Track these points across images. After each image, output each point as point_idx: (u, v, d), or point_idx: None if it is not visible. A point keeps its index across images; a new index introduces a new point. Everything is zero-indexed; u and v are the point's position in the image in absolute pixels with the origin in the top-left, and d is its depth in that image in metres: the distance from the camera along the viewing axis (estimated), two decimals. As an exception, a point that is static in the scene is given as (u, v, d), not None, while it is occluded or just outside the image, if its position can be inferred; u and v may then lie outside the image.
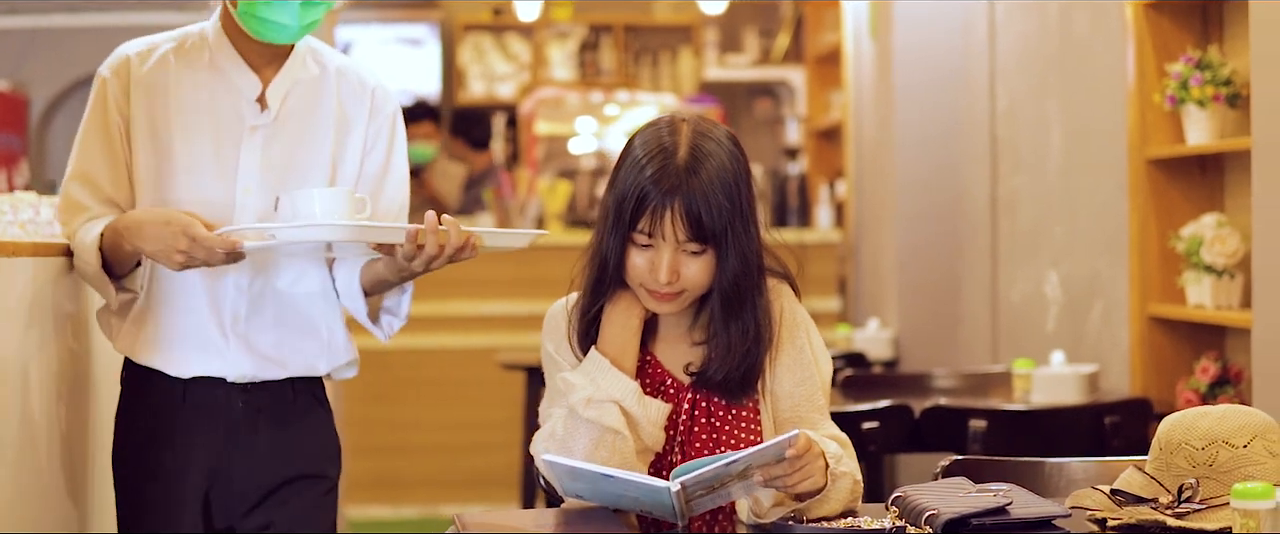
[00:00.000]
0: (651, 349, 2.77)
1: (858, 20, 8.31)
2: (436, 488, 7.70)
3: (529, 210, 8.38)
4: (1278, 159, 3.49)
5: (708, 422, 2.74)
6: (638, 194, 2.63)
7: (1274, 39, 3.48)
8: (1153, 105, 4.65)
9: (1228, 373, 4.44)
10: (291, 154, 3.18)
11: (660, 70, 10.92)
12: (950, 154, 6.52)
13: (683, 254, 2.64)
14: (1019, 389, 4.63)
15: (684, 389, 2.75)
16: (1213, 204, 4.65)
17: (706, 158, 2.65)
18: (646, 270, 2.65)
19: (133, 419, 3.25)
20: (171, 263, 2.98)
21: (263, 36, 3.10)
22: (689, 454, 2.71)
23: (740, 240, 2.66)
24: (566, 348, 2.78)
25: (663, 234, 2.62)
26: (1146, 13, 4.67)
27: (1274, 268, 3.53)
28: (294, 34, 3.10)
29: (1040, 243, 5.64)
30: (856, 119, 8.33)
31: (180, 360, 3.17)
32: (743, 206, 2.66)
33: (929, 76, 6.61)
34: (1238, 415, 2.50)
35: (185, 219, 2.97)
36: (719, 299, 2.69)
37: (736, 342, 2.70)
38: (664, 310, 2.70)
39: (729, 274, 2.66)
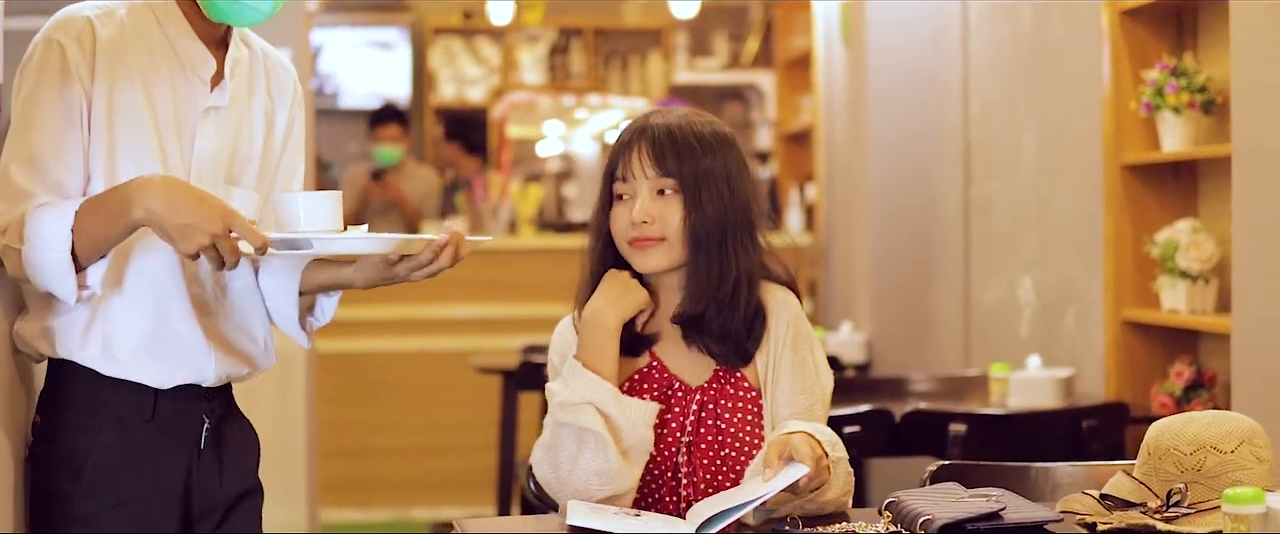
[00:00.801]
0: (658, 353, 2.82)
1: (829, 24, 8.34)
2: (409, 491, 7.71)
3: (501, 214, 8.40)
4: (1257, 166, 3.53)
5: (715, 425, 2.78)
6: (615, 148, 2.80)
7: (1254, 47, 3.52)
8: (1128, 111, 4.69)
9: (1202, 377, 4.49)
10: (235, 140, 2.94)
11: (630, 74, 10.95)
12: (923, 158, 6.56)
13: (657, 197, 2.75)
14: (996, 393, 4.66)
15: (691, 392, 2.80)
16: (1187, 210, 4.70)
17: (679, 113, 2.81)
18: (626, 220, 2.76)
19: (89, 443, 2.83)
20: (185, 245, 2.61)
21: (228, 17, 2.86)
22: (695, 456, 2.76)
23: (720, 200, 2.75)
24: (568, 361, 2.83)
25: (633, 172, 2.76)
26: (1122, 19, 4.71)
27: (1253, 274, 3.57)
28: (266, 14, 2.87)
29: (1013, 247, 5.68)
30: (827, 123, 8.37)
31: (159, 368, 2.84)
32: (724, 167, 2.77)
33: (902, 80, 6.64)
34: (1225, 421, 2.53)
35: (223, 202, 2.65)
36: (692, 241, 2.76)
37: (706, 280, 2.77)
38: (650, 263, 2.78)
39: (702, 224, 2.75)
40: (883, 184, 6.66)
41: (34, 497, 2.86)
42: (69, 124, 2.75)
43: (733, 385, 2.81)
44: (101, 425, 2.83)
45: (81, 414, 2.83)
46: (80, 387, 2.83)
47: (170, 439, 2.87)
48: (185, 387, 2.87)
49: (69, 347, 2.81)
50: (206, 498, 2.92)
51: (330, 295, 3.08)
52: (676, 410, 2.79)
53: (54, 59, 2.75)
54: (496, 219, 8.38)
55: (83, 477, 2.81)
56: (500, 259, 7.84)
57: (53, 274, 2.70)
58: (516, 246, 8.03)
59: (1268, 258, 3.50)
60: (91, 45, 2.77)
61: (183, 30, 2.87)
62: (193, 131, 2.86)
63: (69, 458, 2.82)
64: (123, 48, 2.80)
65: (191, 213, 2.60)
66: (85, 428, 2.83)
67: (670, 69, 10.70)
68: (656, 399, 2.78)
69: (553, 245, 8.08)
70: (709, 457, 2.76)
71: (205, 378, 2.89)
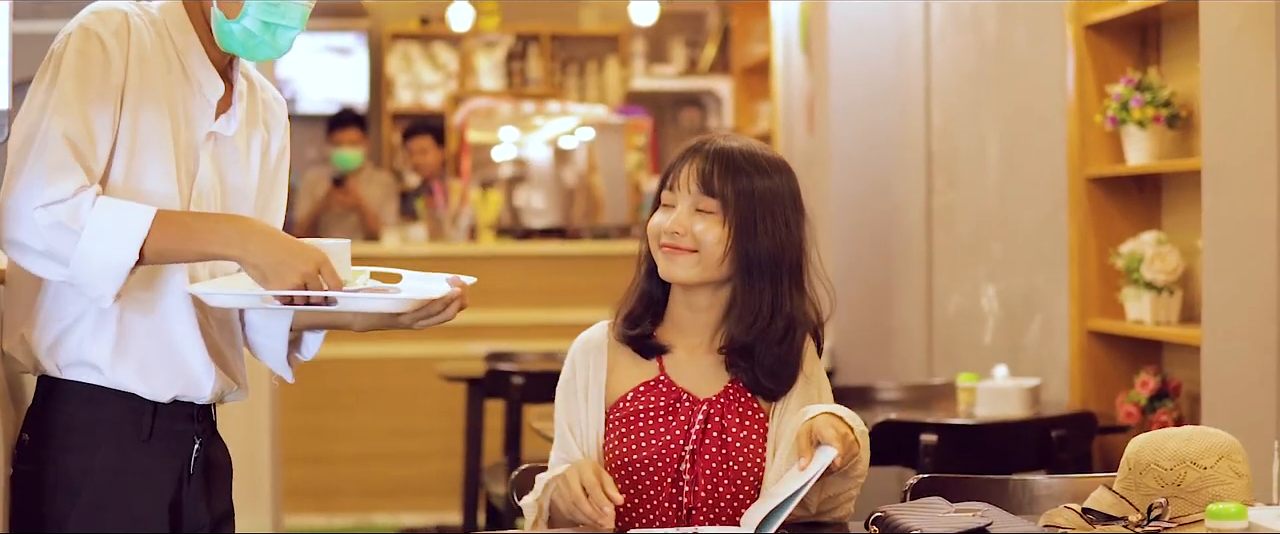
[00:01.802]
0: (665, 368, 2.88)
1: (788, 31, 8.39)
2: (371, 497, 7.72)
3: (461, 221, 8.42)
4: (1226, 180, 3.60)
5: (720, 436, 2.84)
6: (673, 158, 2.87)
7: (1223, 63, 3.58)
8: (1093, 124, 4.76)
9: (1167, 386, 4.56)
10: (231, 168, 2.93)
11: (587, 80, 10.98)
12: (885, 166, 6.61)
13: (697, 213, 2.80)
14: (963, 402, 4.71)
15: (698, 403, 2.85)
16: (1151, 222, 4.77)
17: (745, 146, 2.86)
18: (662, 225, 2.82)
19: (87, 463, 2.79)
20: (277, 282, 2.65)
21: (242, 51, 2.86)
22: (698, 465, 2.81)
23: (776, 234, 2.82)
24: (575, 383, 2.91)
25: (678, 185, 2.82)
26: (1087, 33, 4.78)
27: (1223, 286, 3.64)
28: (281, 52, 2.87)
29: (976, 257, 5.74)
30: (786, 130, 8.41)
31: (160, 380, 2.81)
32: (780, 208, 2.83)
33: (863, 90, 6.68)
34: (1204, 437, 2.59)
35: (314, 246, 2.69)
36: (742, 267, 2.82)
37: (760, 310, 2.83)
38: (674, 271, 2.83)
39: (754, 250, 2.81)
40: (844, 192, 6.71)
41: (19, 518, 2.81)
42: (107, 111, 2.73)
43: (742, 404, 2.86)
44: (99, 445, 2.79)
45: (77, 433, 2.79)
46: (77, 405, 2.79)
47: (165, 460, 2.86)
48: (179, 405, 2.86)
49: (74, 353, 2.78)
50: (194, 520, 2.91)
51: (317, 332, 3.08)
52: (682, 419, 2.84)
53: (95, 48, 2.73)
54: (457, 226, 8.40)
55: (81, 497, 2.78)
56: (461, 265, 7.84)
57: (104, 270, 2.64)
58: (478, 253, 8.06)
59: (1237, 271, 3.57)
60: (127, 43, 2.76)
61: (195, 51, 2.86)
62: (196, 154, 2.85)
63: (65, 478, 2.78)
64: (152, 54, 2.80)
65: (285, 251, 2.65)
66: (81, 447, 2.79)
67: (628, 75, 10.73)
68: (661, 409, 2.84)
69: (514, 252, 8.11)
70: (712, 467, 2.81)
71: (201, 395, 2.87)
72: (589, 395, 2.88)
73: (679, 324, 2.90)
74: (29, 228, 2.62)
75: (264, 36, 2.82)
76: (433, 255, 7.92)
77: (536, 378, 5.64)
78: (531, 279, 7.91)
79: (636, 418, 2.85)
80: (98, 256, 2.62)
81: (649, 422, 2.84)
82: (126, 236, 2.63)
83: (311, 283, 2.65)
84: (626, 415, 2.86)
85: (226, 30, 2.82)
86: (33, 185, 2.63)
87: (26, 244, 2.64)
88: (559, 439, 2.90)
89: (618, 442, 2.84)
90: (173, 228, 2.67)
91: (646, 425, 2.84)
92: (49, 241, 2.63)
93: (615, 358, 2.91)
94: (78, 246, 2.62)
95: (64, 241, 2.62)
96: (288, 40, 2.85)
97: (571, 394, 2.90)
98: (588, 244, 8.30)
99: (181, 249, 2.69)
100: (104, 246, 2.62)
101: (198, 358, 2.85)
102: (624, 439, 2.84)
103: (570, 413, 2.89)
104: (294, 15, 2.84)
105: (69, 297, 2.77)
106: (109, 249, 2.62)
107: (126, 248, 2.63)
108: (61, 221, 2.61)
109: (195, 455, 2.89)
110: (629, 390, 2.87)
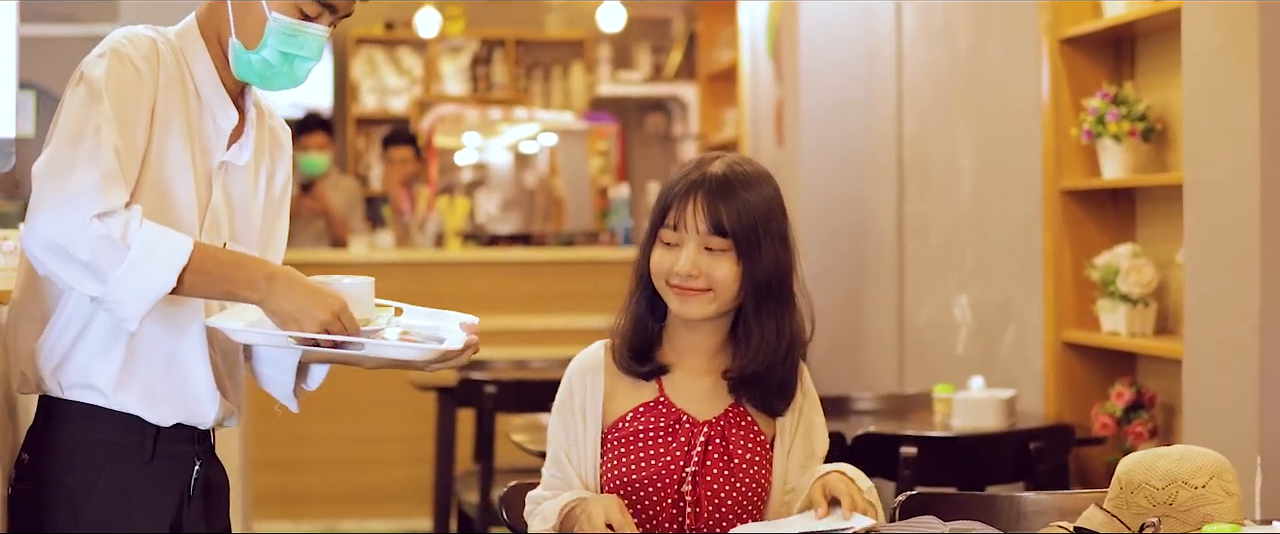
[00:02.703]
0: (664, 389, 2.87)
1: (755, 38, 8.41)
2: (339, 503, 7.70)
3: (428, 227, 8.41)
4: (1208, 195, 3.63)
5: (722, 457, 2.83)
6: (668, 193, 2.81)
7: (1204, 80, 3.62)
8: (1068, 138, 4.79)
9: (1142, 398, 4.59)
10: (241, 196, 2.92)
11: (552, 85, 10.97)
12: (855, 175, 6.63)
13: (707, 252, 2.77)
14: (940, 413, 4.74)
15: (698, 426, 2.84)
16: (1125, 234, 4.80)
17: (737, 167, 2.82)
18: (671, 264, 2.79)
19: (91, 482, 2.78)
20: (303, 324, 2.66)
21: (260, 81, 2.85)
22: (700, 487, 2.81)
23: (775, 251, 2.80)
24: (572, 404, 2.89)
25: (685, 224, 2.78)
26: (1062, 47, 4.81)
27: (1204, 302, 3.67)
28: (299, 82, 2.87)
29: (949, 267, 5.77)
30: (753, 137, 8.44)
31: (166, 405, 2.80)
32: (775, 224, 2.80)
33: (834, 98, 6.70)
34: (1195, 457, 2.61)
35: (334, 293, 2.70)
36: (753, 297, 2.80)
37: (770, 337, 2.82)
38: (689, 311, 2.81)
39: (762, 273, 2.79)
40: (814, 200, 6.72)
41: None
42: (141, 135, 2.71)
43: (743, 427, 2.86)
44: (102, 465, 2.77)
45: (81, 452, 2.77)
46: (79, 424, 2.78)
47: (166, 481, 2.84)
48: (181, 427, 2.84)
49: (79, 375, 2.76)
50: None
51: (323, 364, 3.07)
52: (683, 440, 2.83)
53: (129, 71, 2.71)
54: (424, 233, 8.39)
55: (83, 517, 2.76)
56: (430, 272, 7.86)
57: (140, 293, 2.60)
58: (446, 259, 8.04)
59: (1219, 286, 3.60)
60: (156, 69, 2.76)
61: (211, 79, 2.85)
62: (209, 182, 2.84)
63: (67, 497, 2.76)
64: (174, 81, 2.80)
65: (306, 298, 2.65)
66: (84, 466, 2.77)
67: (593, 81, 10.73)
68: (660, 430, 2.83)
69: (482, 258, 8.10)
70: (714, 488, 2.81)
71: (204, 421, 2.86)
72: (587, 417, 2.87)
73: (678, 346, 2.90)
74: (79, 235, 2.55)
75: (282, 67, 2.82)
76: (400, 262, 7.90)
77: (509, 386, 5.63)
78: (499, 286, 7.90)
79: (635, 439, 2.84)
80: (137, 279, 2.58)
81: (648, 442, 2.83)
82: (167, 264, 2.59)
83: (332, 329, 2.66)
84: (625, 436, 2.85)
85: (245, 60, 2.82)
86: (86, 192, 2.57)
87: (70, 251, 2.56)
88: (554, 461, 2.89)
89: (616, 462, 2.83)
90: (207, 263, 2.65)
91: (646, 446, 2.83)
92: (96, 253, 2.56)
93: (613, 379, 2.89)
94: (123, 265, 2.57)
95: (110, 257, 2.56)
96: (305, 71, 2.85)
97: (569, 416, 2.89)
98: (556, 251, 8.29)
99: (210, 287, 2.67)
100: (145, 270, 2.58)
101: (203, 385, 2.84)
102: (623, 460, 2.83)
103: (568, 435, 2.88)
104: (312, 46, 2.83)
105: (77, 318, 2.76)
106: (149, 273, 2.59)
107: (165, 275, 2.59)
108: (112, 236, 2.56)
109: (195, 477, 2.88)
110: (628, 411, 2.86)
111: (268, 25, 2.79)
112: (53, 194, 2.57)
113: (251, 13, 2.81)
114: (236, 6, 2.82)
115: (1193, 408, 3.70)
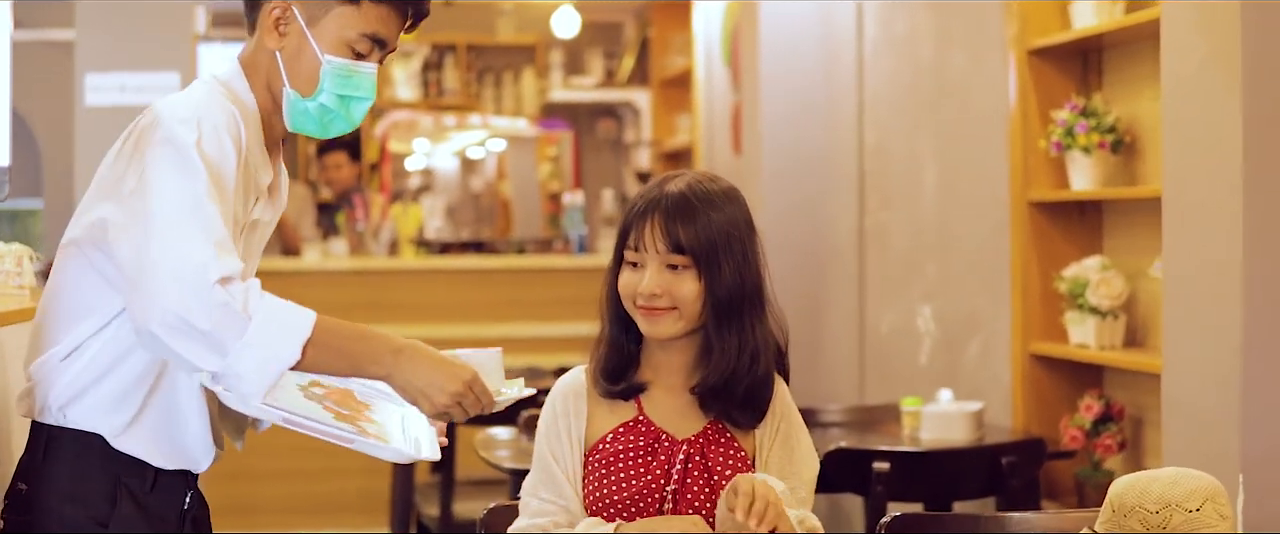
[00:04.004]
0: (643, 408, 2.85)
1: (710, 45, 8.40)
2: (293, 515, 7.64)
3: (382, 235, 8.35)
4: (1187, 209, 3.61)
5: (702, 476, 2.81)
6: (629, 215, 2.81)
7: (1185, 93, 3.60)
8: (1037, 149, 4.78)
9: (1111, 410, 4.58)
10: (253, 245, 2.86)
11: (504, 91, 10.93)
12: (814, 184, 6.61)
13: (669, 270, 2.77)
14: (908, 426, 4.72)
15: (677, 444, 2.82)
16: (1093, 247, 4.79)
17: (695, 185, 2.80)
18: (635, 284, 2.78)
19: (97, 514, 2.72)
20: (427, 405, 2.62)
21: (317, 131, 2.78)
22: (681, 506, 2.79)
23: (737, 268, 2.77)
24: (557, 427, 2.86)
25: (645, 245, 2.77)
26: (1030, 59, 4.80)
27: (1183, 317, 3.65)
28: (355, 124, 2.81)
29: (911, 278, 5.75)
30: (708, 143, 8.42)
31: (169, 452, 2.76)
32: (737, 241, 2.78)
33: (792, 105, 6.66)
34: (1189, 480, 2.59)
35: (463, 364, 2.66)
36: (713, 312, 2.78)
37: (731, 351, 2.79)
38: (658, 330, 2.80)
39: (723, 290, 2.77)
40: (772, 208, 6.69)
41: None
42: (231, 206, 2.61)
43: (723, 444, 2.84)
44: (108, 498, 2.71)
45: (84, 484, 2.71)
46: (82, 454, 2.71)
47: (163, 513, 2.78)
48: (183, 472, 2.80)
49: (87, 417, 2.69)
50: None
51: None
52: (662, 459, 2.81)
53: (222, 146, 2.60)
54: (378, 241, 8.33)
55: None
56: (385, 281, 7.81)
57: (261, 366, 2.50)
58: (401, 268, 8.00)
59: (1199, 301, 3.58)
60: (238, 144, 2.64)
61: (258, 138, 2.77)
62: (240, 239, 2.74)
63: (68, 528, 2.70)
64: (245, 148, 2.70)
65: (437, 372, 2.61)
66: (88, 499, 2.71)
67: (545, 86, 10.69)
68: (641, 450, 2.81)
69: (437, 266, 8.05)
70: (695, 507, 2.79)
71: (199, 468, 2.82)
72: (571, 439, 2.85)
73: (654, 365, 2.88)
74: (201, 303, 2.45)
75: (340, 111, 2.76)
76: (354, 270, 7.85)
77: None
78: (455, 294, 7.86)
79: (616, 459, 2.82)
80: (259, 352, 2.48)
81: (629, 462, 2.81)
82: (290, 336, 2.50)
83: (465, 400, 2.62)
84: (606, 457, 2.83)
85: (301, 109, 2.76)
86: (204, 260, 2.47)
87: (191, 321, 2.46)
88: (548, 484, 2.85)
89: (598, 484, 2.81)
90: (331, 337, 2.56)
91: (626, 466, 2.81)
92: (217, 323, 2.46)
93: (594, 403, 2.88)
94: (244, 336, 2.47)
95: (232, 327, 2.47)
96: (361, 112, 2.80)
97: (555, 439, 2.86)
98: (511, 258, 8.26)
99: (334, 360, 2.59)
100: (267, 342, 2.49)
101: (204, 440, 2.80)
102: (604, 481, 2.81)
103: (557, 459, 2.86)
104: (367, 86, 2.77)
105: (100, 362, 2.69)
106: (272, 345, 2.49)
107: (288, 348, 2.50)
108: (232, 304, 2.47)
109: (186, 510, 2.83)
110: (608, 431, 2.84)
111: (322, 69, 2.73)
112: (171, 265, 2.48)
113: (303, 58, 2.75)
114: (287, 55, 2.76)
115: (1172, 425, 3.68)
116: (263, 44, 2.79)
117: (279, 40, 2.77)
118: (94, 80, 6.91)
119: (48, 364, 2.72)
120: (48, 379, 2.72)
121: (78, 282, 2.71)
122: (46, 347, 2.74)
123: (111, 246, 2.60)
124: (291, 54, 2.76)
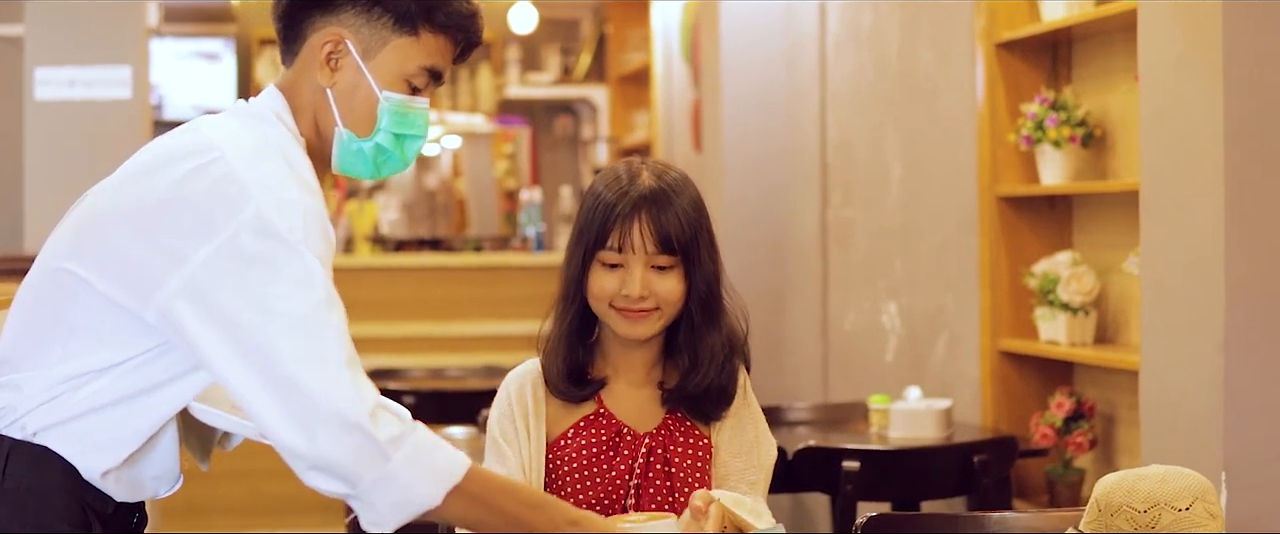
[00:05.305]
0: (605, 399, 2.79)
1: (669, 41, 8.34)
2: (248, 515, 7.55)
3: (338, 232, 8.26)
4: (1166, 204, 3.56)
5: (664, 469, 2.75)
6: (604, 213, 2.69)
7: (1163, 86, 3.55)
8: (1005, 143, 4.72)
9: (1082, 407, 4.53)
10: None
11: (460, 87, 10.83)
12: (776, 180, 6.55)
13: (653, 270, 2.69)
14: (876, 424, 4.65)
15: (639, 438, 2.76)
16: (1063, 242, 4.74)
17: (667, 175, 2.74)
18: (617, 288, 2.70)
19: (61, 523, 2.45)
20: None
21: (372, 170, 2.54)
22: (644, 500, 2.73)
23: (710, 255, 2.73)
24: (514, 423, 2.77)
25: (632, 246, 2.69)
26: (998, 52, 4.74)
27: (1162, 313, 3.60)
28: (408, 163, 2.57)
29: (876, 274, 5.69)
30: (666, 139, 8.37)
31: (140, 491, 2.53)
32: (706, 228, 2.74)
33: (754, 101, 6.60)
34: (1178, 478, 2.53)
35: None
36: (698, 308, 2.73)
37: (718, 349, 2.74)
38: (637, 332, 2.73)
39: (702, 283, 2.72)
40: (733, 205, 6.63)
41: None
42: None
43: (683, 433, 2.77)
44: (79, 521, 2.44)
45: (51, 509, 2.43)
46: (52, 477, 2.42)
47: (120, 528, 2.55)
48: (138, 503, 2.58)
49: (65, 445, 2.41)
50: None
51: None
52: (625, 453, 2.75)
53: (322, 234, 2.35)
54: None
55: None
56: (338, 277, 7.68)
57: (396, 507, 2.25)
58: (357, 265, 7.92)
59: (1178, 297, 3.53)
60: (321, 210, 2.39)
61: (311, 176, 2.47)
62: None
63: None
64: None
65: None
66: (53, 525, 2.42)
67: (502, 83, 10.61)
68: (604, 445, 2.75)
69: (393, 264, 7.98)
70: (658, 501, 2.74)
71: (159, 496, 2.56)
72: (530, 429, 2.76)
73: (614, 361, 2.81)
74: (350, 447, 2.23)
75: (395, 150, 2.54)
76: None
77: (427, 398, 5.57)
78: (411, 292, 7.79)
79: (580, 455, 2.76)
80: (398, 489, 2.26)
81: (592, 457, 2.75)
82: (438, 477, 2.27)
83: None
84: (568, 453, 2.76)
85: (354, 150, 2.53)
86: (347, 394, 2.25)
87: (338, 464, 2.24)
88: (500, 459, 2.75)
89: (561, 479, 2.74)
90: (485, 489, 2.34)
91: (590, 461, 2.75)
92: (361, 462, 2.25)
93: (552, 397, 2.80)
94: (384, 469, 2.25)
95: (370, 461, 2.25)
96: (414, 152, 2.58)
97: (509, 426, 2.76)
98: (468, 256, 8.18)
99: (488, 519, 2.34)
100: (409, 479, 2.26)
101: (172, 474, 2.55)
102: (568, 477, 2.74)
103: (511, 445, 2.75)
104: (422, 123, 2.56)
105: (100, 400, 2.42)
106: (413, 485, 2.26)
107: (434, 489, 2.26)
108: (378, 438, 2.24)
109: (136, 522, 2.63)
110: (569, 427, 2.78)
111: (380, 107, 2.51)
112: (315, 402, 2.25)
113: (358, 96, 2.52)
114: (339, 92, 2.52)
115: (1151, 422, 3.62)
116: (309, 78, 2.55)
117: (331, 76, 2.53)
118: (44, 74, 6.80)
119: (36, 382, 2.45)
120: (32, 397, 2.44)
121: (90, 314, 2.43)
122: (36, 365, 2.46)
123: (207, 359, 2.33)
124: (345, 91, 2.52)
